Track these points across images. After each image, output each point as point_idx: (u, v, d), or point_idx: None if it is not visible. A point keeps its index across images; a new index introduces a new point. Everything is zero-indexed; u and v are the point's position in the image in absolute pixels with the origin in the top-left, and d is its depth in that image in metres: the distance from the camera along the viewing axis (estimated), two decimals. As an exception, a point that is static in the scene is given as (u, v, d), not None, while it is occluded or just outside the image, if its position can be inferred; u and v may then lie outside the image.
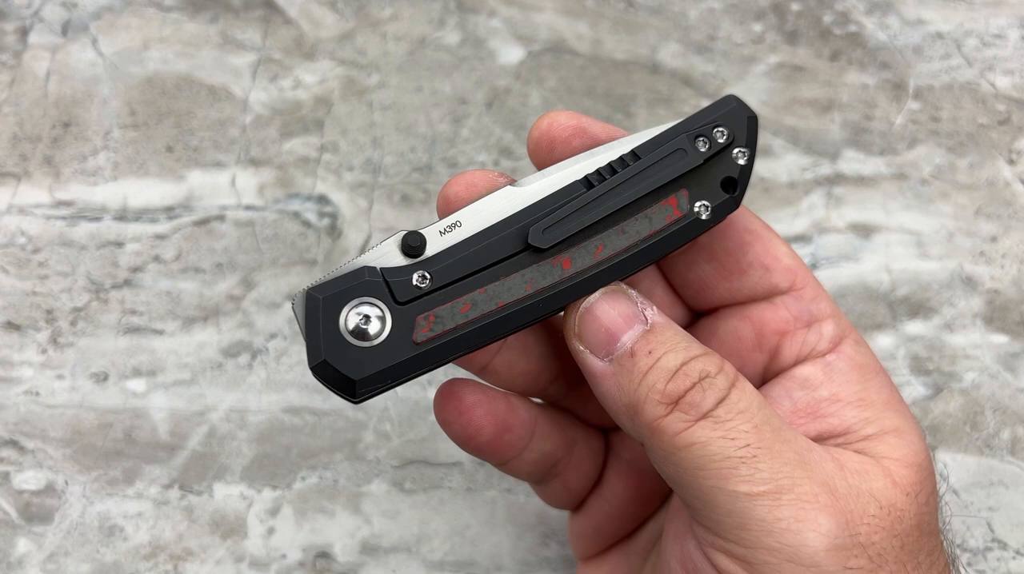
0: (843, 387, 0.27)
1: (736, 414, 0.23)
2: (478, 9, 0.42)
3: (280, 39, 0.42)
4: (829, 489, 0.23)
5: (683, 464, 0.23)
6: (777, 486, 0.23)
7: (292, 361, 0.38)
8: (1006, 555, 0.36)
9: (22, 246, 0.39)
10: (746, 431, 0.23)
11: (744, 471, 0.23)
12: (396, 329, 0.24)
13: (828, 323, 0.28)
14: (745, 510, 0.23)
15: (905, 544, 0.24)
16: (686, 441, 0.23)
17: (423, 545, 0.37)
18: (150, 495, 0.37)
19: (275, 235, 0.40)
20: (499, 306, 0.25)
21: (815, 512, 0.23)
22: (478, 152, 0.41)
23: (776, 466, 0.23)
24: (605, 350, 0.25)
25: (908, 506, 0.24)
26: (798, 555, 0.22)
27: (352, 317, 0.24)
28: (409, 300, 0.24)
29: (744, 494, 0.23)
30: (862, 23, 0.42)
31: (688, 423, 0.23)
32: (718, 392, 0.23)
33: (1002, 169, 0.41)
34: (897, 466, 0.25)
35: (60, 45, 0.42)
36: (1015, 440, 0.38)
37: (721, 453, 0.23)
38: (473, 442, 0.28)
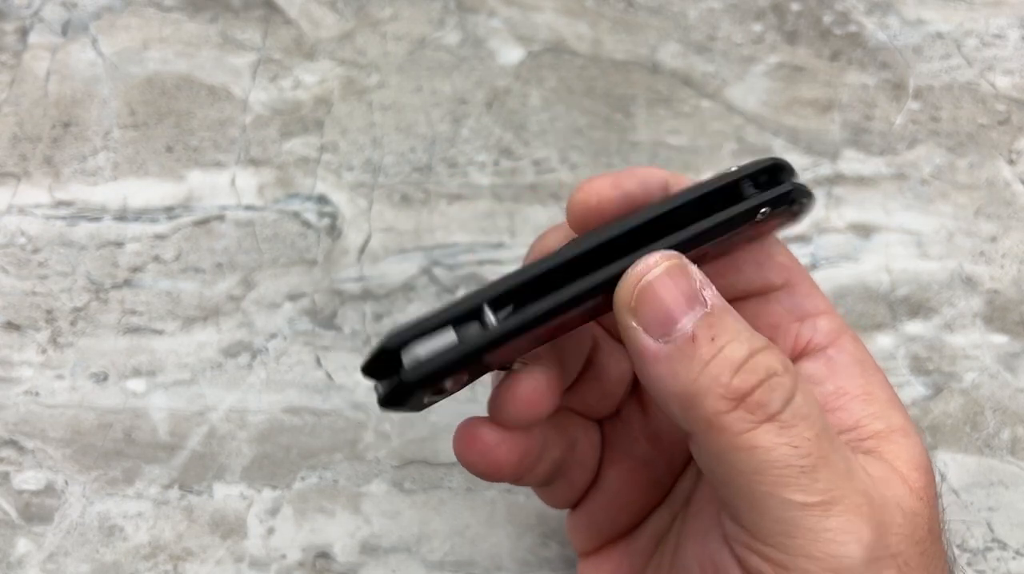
0: (848, 381, 0.26)
1: (800, 420, 0.22)
2: (478, 9, 0.42)
3: (280, 39, 0.42)
4: (868, 499, 0.23)
5: (739, 466, 0.22)
6: (831, 497, 0.22)
7: (292, 361, 0.38)
8: (1006, 555, 0.36)
9: (22, 246, 0.39)
10: (808, 439, 0.22)
11: (804, 481, 0.22)
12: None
13: (823, 319, 0.28)
14: (795, 519, 0.22)
15: (925, 550, 0.24)
16: (749, 443, 0.22)
17: (423, 545, 0.37)
18: (150, 495, 0.37)
19: (275, 235, 0.40)
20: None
21: (860, 523, 0.22)
22: (478, 152, 0.41)
23: (831, 477, 0.22)
24: (662, 330, 0.23)
25: (923, 511, 0.24)
26: (840, 566, 0.22)
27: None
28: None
29: (799, 503, 0.22)
30: (862, 23, 0.42)
31: (753, 425, 0.22)
32: (785, 393, 0.22)
33: (1002, 169, 0.41)
34: (908, 470, 0.25)
35: (60, 45, 0.42)
36: (1015, 440, 0.37)
37: (783, 461, 0.22)
38: (497, 477, 0.27)
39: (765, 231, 0.27)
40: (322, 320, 0.39)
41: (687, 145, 0.41)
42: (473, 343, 0.23)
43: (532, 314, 0.23)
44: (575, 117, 0.41)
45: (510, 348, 0.23)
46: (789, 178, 0.26)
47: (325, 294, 0.39)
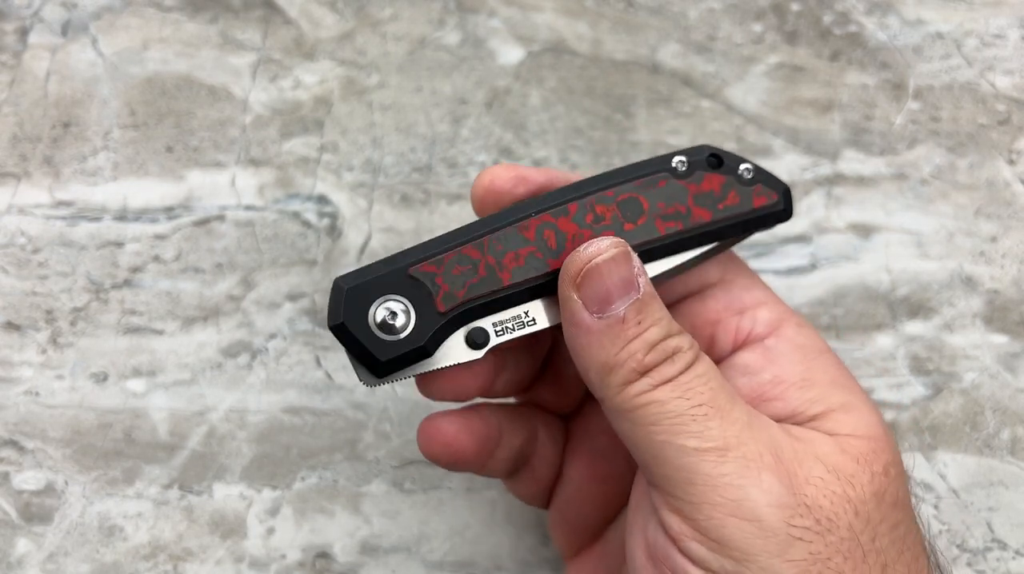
0: (785, 369, 0.27)
1: (695, 377, 0.25)
2: (478, 9, 0.42)
3: (280, 39, 0.42)
4: (774, 451, 0.24)
5: (639, 420, 0.24)
6: (724, 443, 0.24)
7: (292, 361, 0.38)
8: (1006, 555, 0.36)
9: (22, 246, 0.39)
10: (702, 392, 0.24)
11: (695, 427, 0.24)
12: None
13: (763, 309, 0.28)
14: (693, 465, 0.24)
15: (860, 511, 0.24)
16: (647, 399, 0.24)
17: (423, 545, 0.37)
18: (150, 495, 0.37)
19: (275, 235, 0.40)
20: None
21: (758, 470, 0.23)
22: (478, 152, 0.41)
23: (725, 425, 0.24)
24: (599, 308, 0.25)
25: (859, 472, 0.24)
26: (740, 509, 0.23)
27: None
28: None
29: (692, 449, 0.24)
30: (862, 23, 0.42)
31: (652, 386, 0.25)
32: (685, 362, 0.25)
33: (1002, 169, 0.41)
34: (846, 438, 0.25)
35: (60, 45, 0.42)
36: (1015, 440, 0.37)
37: (676, 410, 0.24)
38: (460, 465, 0.29)
39: (739, 213, 0.28)
40: (322, 320, 0.39)
41: (687, 145, 0.41)
42: (395, 258, 0.27)
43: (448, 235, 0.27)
44: (575, 117, 0.41)
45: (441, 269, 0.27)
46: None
47: (325, 294, 0.39)
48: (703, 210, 0.28)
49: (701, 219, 0.28)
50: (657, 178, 0.27)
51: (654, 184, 0.27)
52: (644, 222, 0.27)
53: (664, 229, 0.27)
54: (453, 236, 0.27)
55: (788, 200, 0.28)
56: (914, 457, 0.37)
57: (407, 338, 0.26)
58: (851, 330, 0.39)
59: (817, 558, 0.23)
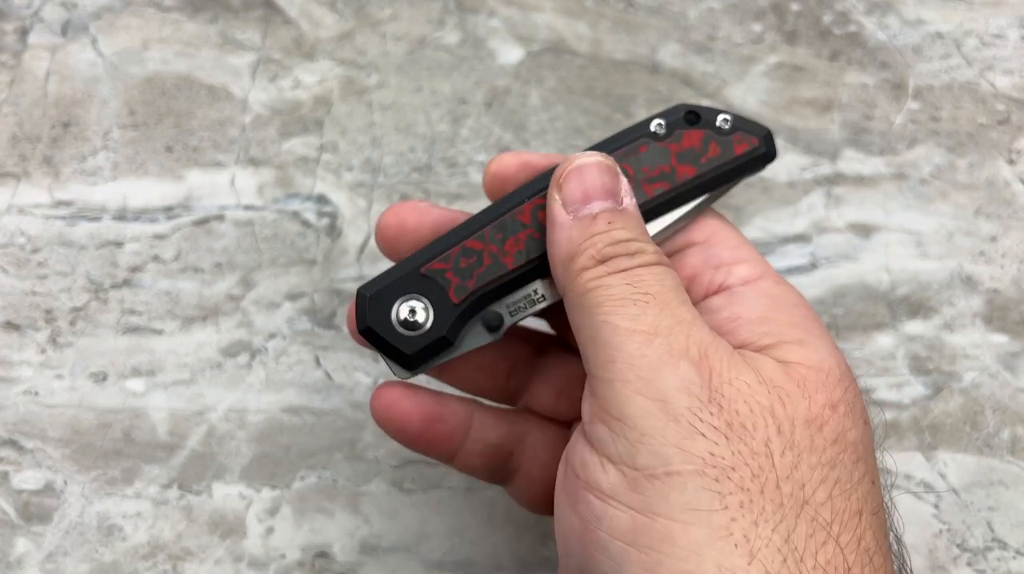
0: (745, 308, 0.27)
1: (649, 274, 0.25)
2: (478, 9, 0.42)
3: (280, 39, 0.42)
4: (703, 349, 0.24)
5: (587, 302, 0.25)
6: (655, 330, 0.24)
7: (291, 361, 0.38)
8: (1006, 555, 0.36)
9: (21, 246, 0.39)
10: (650, 284, 0.25)
11: (632, 310, 0.24)
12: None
13: (742, 266, 0.28)
14: (618, 343, 0.24)
15: (784, 430, 0.23)
16: (597, 283, 0.25)
17: (422, 545, 0.37)
18: (149, 495, 0.37)
19: (274, 235, 0.40)
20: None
21: (679, 358, 0.23)
22: (477, 152, 0.41)
23: (663, 317, 0.24)
24: (574, 205, 0.26)
25: (797, 394, 0.23)
26: (648, 388, 0.23)
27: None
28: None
29: (624, 328, 0.24)
30: (862, 23, 0.42)
31: (605, 273, 0.25)
32: (643, 259, 0.25)
33: (1002, 169, 0.41)
34: (795, 366, 0.24)
35: (60, 45, 0.42)
36: (1015, 440, 0.37)
37: (620, 294, 0.25)
38: (405, 434, 0.30)
39: (722, 163, 0.29)
40: (321, 320, 0.39)
41: (687, 145, 0.41)
42: (407, 262, 0.28)
43: (455, 230, 0.28)
44: (575, 117, 0.41)
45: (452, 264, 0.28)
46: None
47: (325, 294, 0.39)
48: (687, 167, 0.29)
49: (686, 176, 0.29)
50: (638, 144, 0.29)
51: (636, 151, 0.29)
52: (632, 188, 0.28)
53: (652, 192, 0.28)
54: (456, 232, 0.29)
55: (770, 143, 0.29)
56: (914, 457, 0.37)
57: (428, 331, 0.28)
58: (851, 330, 0.39)
59: (717, 462, 0.22)
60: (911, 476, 0.37)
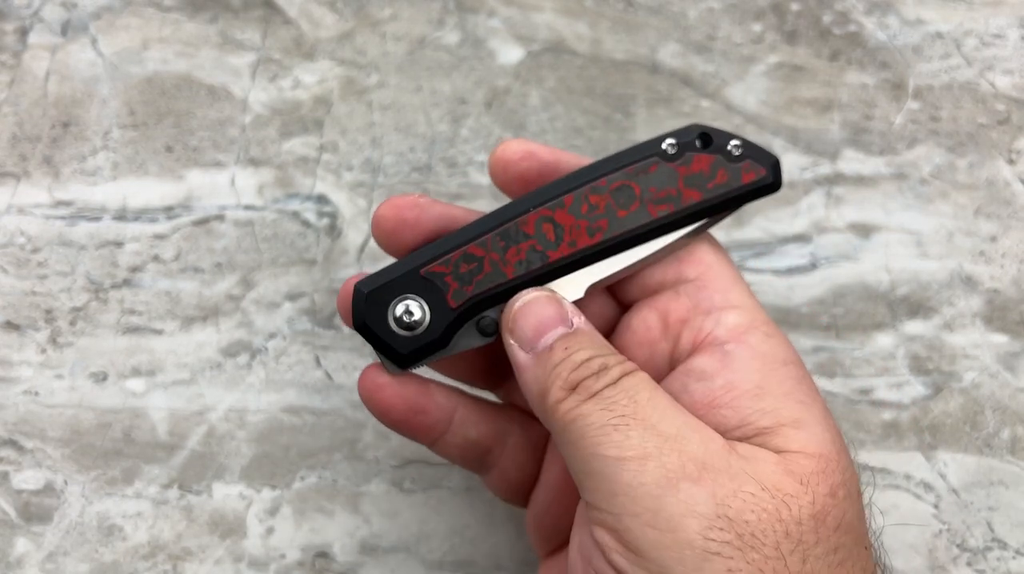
0: (739, 375, 0.26)
1: (620, 392, 0.25)
2: (477, 9, 0.42)
3: (280, 39, 0.42)
4: (701, 464, 0.24)
5: (570, 436, 0.25)
6: (644, 452, 0.24)
7: (291, 361, 0.38)
8: (1006, 555, 0.36)
9: (21, 246, 0.39)
10: (624, 404, 0.25)
11: (616, 437, 0.24)
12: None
13: (731, 313, 0.28)
14: (613, 474, 0.24)
15: (792, 532, 0.23)
16: (573, 415, 0.25)
17: (422, 545, 0.37)
18: (149, 495, 0.37)
19: (274, 235, 0.40)
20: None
21: (679, 480, 0.23)
22: (477, 152, 0.41)
23: (647, 436, 0.24)
24: (530, 344, 0.27)
25: (800, 493, 0.24)
26: (657, 519, 0.23)
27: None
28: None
29: (613, 458, 0.24)
30: (862, 23, 0.42)
31: (578, 403, 0.25)
32: (610, 378, 0.25)
33: (1002, 169, 0.41)
34: (795, 457, 0.25)
35: (60, 45, 0.42)
36: (1015, 440, 0.37)
37: (598, 421, 0.25)
38: (388, 418, 0.30)
39: (727, 190, 0.29)
40: (322, 320, 0.39)
41: (687, 145, 0.41)
42: (407, 261, 0.29)
43: (456, 234, 0.29)
44: (575, 117, 0.41)
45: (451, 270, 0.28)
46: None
47: (325, 294, 0.39)
48: (693, 191, 0.29)
49: (691, 200, 0.29)
50: (648, 163, 0.29)
51: (645, 170, 0.29)
52: (637, 208, 0.28)
53: (656, 213, 0.28)
54: (459, 235, 0.29)
55: (777, 172, 0.29)
56: (914, 457, 0.37)
57: (424, 333, 0.28)
58: (851, 330, 0.39)
59: None
60: (911, 476, 0.37)
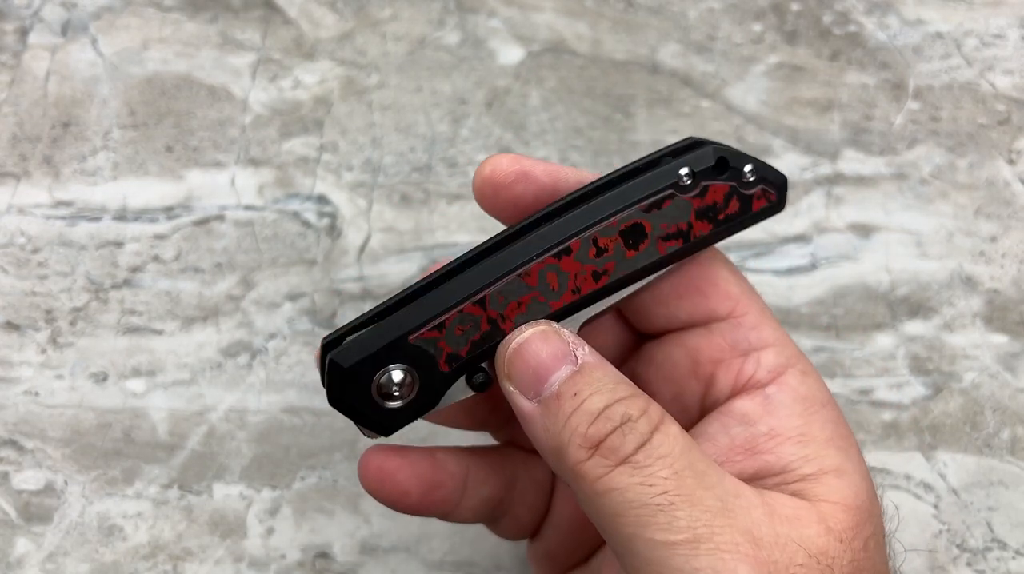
0: (783, 421, 0.26)
1: (656, 459, 0.23)
2: (478, 9, 0.42)
3: (280, 39, 0.42)
4: (752, 538, 0.22)
5: (603, 510, 0.23)
6: (695, 535, 0.22)
7: (291, 361, 0.38)
8: (1006, 555, 0.36)
9: (22, 246, 0.39)
10: (665, 478, 0.22)
11: (661, 519, 0.22)
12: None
13: (769, 352, 0.27)
14: (662, 559, 0.22)
15: None
16: (605, 486, 0.23)
17: (422, 545, 0.37)
18: (149, 495, 0.37)
19: (274, 235, 0.40)
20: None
21: (734, 562, 0.22)
22: (477, 152, 0.41)
23: (695, 514, 0.22)
24: (533, 391, 0.24)
25: (841, 553, 0.23)
26: None
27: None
28: None
29: (661, 542, 0.22)
30: (862, 23, 0.42)
31: (607, 469, 0.23)
32: (639, 437, 0.23)
33: (1002, 169, 0.41)
34: (833, 510, 0.24)
35: (60, 45, 0.42)
36: (1015, 440, 0.37)
37: (639, 500, 0.22)
38: (403, 505, 0.28)
39: (737, 219, 0.27)
40: (322, 320, 0.39)
41: (687, 145, 0.41)
42: (391, 324, 0.26)
43: (444, 288, 0.26)
44: (575, 117, 0.41)
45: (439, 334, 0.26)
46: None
47: (325, 294, 0.39)
48: (704, 223, 0.27)
49: (702, 233, 0.27)
50: (662, 198, 0.26)
51: (659, 205, 0.26)
52: (646, 246, 0.26)
53: (665, 250, 0.27)
54: (450, 292, 0.26)
55: (784, 193, 0.28)
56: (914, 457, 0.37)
57: (411, 402, 0.26)
58: (851, 330, 0.39)
59: None
60: (911, 476, 0.37)
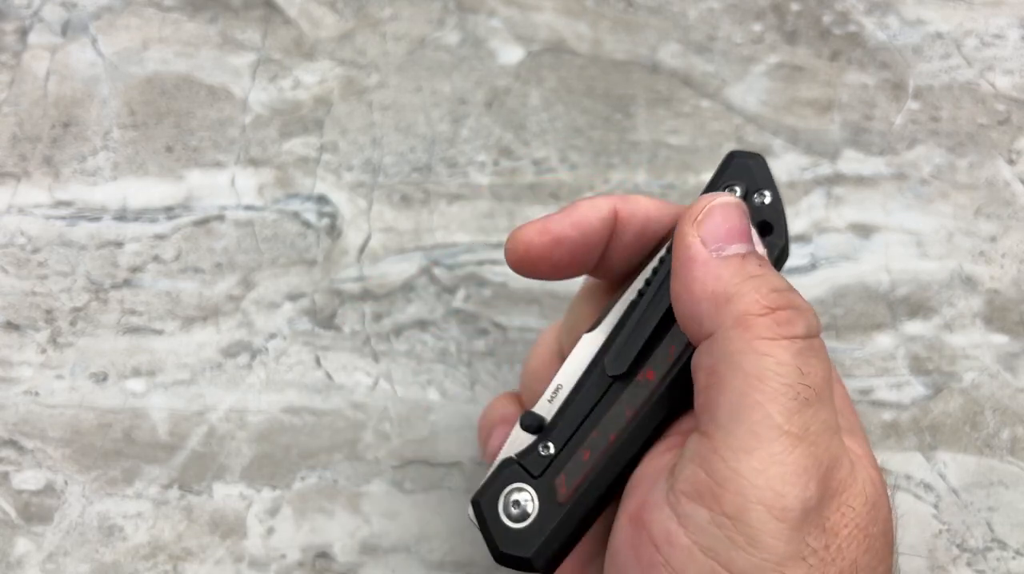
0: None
1: (815, 356, 0.23)
2: (478, 9, 0.42)
3: (280, 39, 0.42)
4: (832, 463, 0.23)
5: (747, 366, 0.23)
6: (803, 433, 0.22)
7: (291, 361, 0.38)
8: (1006, 555, 0.36)
9: (22, 246, 0.39)
10: (816, 373, 0.23)
11: (793, 406, 0.22)
12: (543, 500, 0.27)
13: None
14: (765, 436, 0.22)
15: (870, 547, 0.23)
16: (766, 349, 0.23)
17: (422, 545, 0.37)
18: (149, 495, 0.37)
19: (274, 235, 0.40)
20: (611, 439, 0.27)
21: (811, 477, 0.22)
22: (477, 152, 0.41)
23: (813, 420, 0.23)
24: (717, 245, 0.25)
25: (883, 507, 0.24)
26: (775, 502, 0.22)
27: (509, 507, 0.27)
28: (543, 471, 0.27)
29: (776, 426, 0.22)
30: (862, 23, 0.42)
31: (777, 335, 0.23)
32: (810, 326, 0.24)
33: (1002, 169, 0.41)
34: (872, 468, 0.25)
35: (60, 45, 0.42)
36: (1015, 440, 0.37)
37: (788, 377, 0.23)
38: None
39: None
40: (322, 320, 0.39)
41: (687, 145, 0.41)
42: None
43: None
44: (575, 117, 0.41)
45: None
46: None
47: (325, 294, 0.39)
48: None
49: None
50: None
51: None
52: None
53: None
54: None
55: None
56: (914, 457, 0.37)
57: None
58: (851, 330, 0.39)
59: None
60: (911, 476, 0.37)
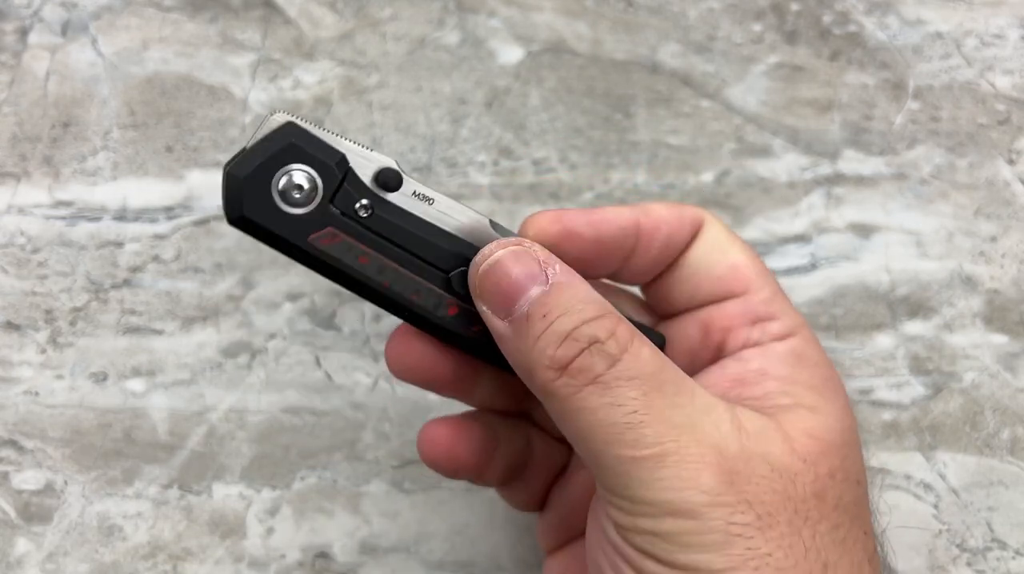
0: (773, 365, 0.27)
1: (625, 381, 0.24)
2: (478, 9, 0.42)
3: (280, 39, 0.42)
4: (718, 450, 0.23)
5: (575, 427, 0.24)
6: (662, 450, 0.23)
7: (291, 361, 0.38)
8: (1006, 555, 0.36)
9: (22, 246, 0.39)
10: (633, 398, 0.23)
11: (629, 436, 0.23)
12: (308, 217, 0.25)
13: (775, 322, 0.28)
14: (630, 472, 0.23)
15: (800, 509, 0.24)
16: (575, 405, 0.24)
17: (422, 545, 0.37)
18: (149, 495, 0.37)
19: (274, 235, 0.40)
20: (384, 285, 0.26)
21: (697, 471, 0.23)
22: (477, 152, 0.41)
23: (662, 431, 0.23)
24: (505, 311, 0.25)
25: (803, 471, 0.24)
26: (677, 509, 0.23)
27: (291, 176, 0.25)
28: (340, 212, 0.25)
29: (628, 458, 0.23)
30: (862, 23, 0.42)
31: (576, 388, 0.24)
32: (607, 358, 0.24)
33: (1002, 169, 0.41)
34: (799, 434, 0.25)
35: (60, 45, 0.42)
36: (1015, 440, 0.37)
37: (608, 419, 0.23)
38: (461, 474, 0.29)
39: None
40: (321, 320, 0.39)
41: (687, 145, 0.41)
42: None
43: None
44: (575, 117, 0.41)
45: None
46: None
47: (324, 294, 0.39)
48: None
49: None
50: None
51: None
52: None
53: None
54: None
55: None
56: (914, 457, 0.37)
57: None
58: (851, 330, 0.39)
59: (756, 553, 0.23)
60: (911, 476, 0.37)
